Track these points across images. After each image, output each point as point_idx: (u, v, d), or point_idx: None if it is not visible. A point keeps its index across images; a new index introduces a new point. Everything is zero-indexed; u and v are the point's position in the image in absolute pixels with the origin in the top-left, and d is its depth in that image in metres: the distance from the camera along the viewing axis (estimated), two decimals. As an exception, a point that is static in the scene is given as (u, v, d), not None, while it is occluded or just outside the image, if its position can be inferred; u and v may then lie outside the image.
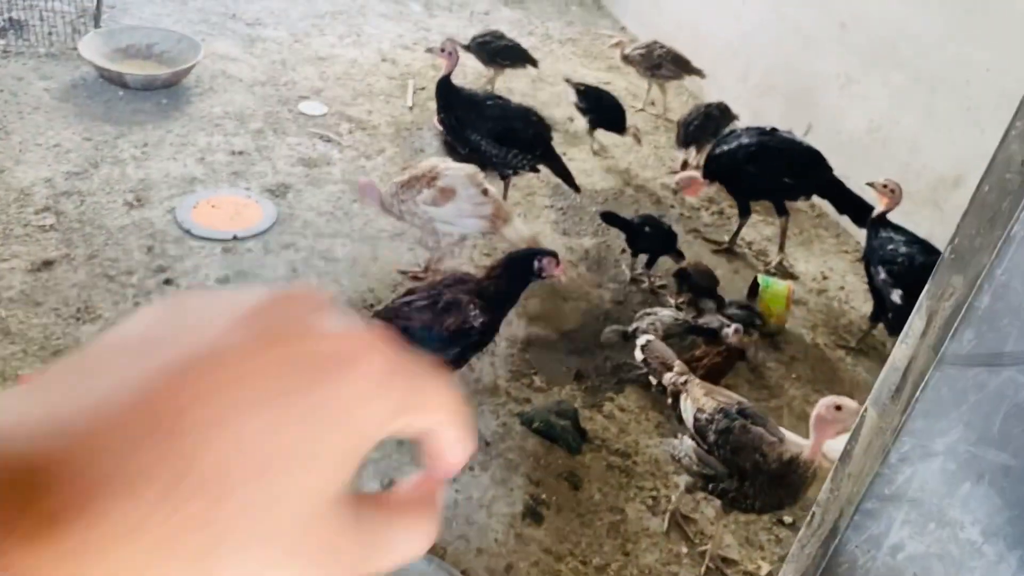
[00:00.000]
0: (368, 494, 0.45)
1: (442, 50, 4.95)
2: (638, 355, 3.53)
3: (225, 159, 5.23)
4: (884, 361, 4.51)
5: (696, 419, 3.08)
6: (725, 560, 3.42)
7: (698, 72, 6.61)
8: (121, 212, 4.57)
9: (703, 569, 3.34)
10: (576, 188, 5.35)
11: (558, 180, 5.61)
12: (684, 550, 3.44)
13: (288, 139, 5.55)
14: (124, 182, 4.81)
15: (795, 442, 2.92)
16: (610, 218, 4.76)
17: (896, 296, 4.31)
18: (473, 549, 3.27)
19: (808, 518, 1.35)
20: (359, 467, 0.42)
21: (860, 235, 5.77)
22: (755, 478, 2.85)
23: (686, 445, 3.12)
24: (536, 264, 3.53)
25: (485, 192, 4.37)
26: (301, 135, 5.61)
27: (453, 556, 3.22)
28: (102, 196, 4.65)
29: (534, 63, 6.57)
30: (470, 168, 4.39)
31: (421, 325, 3.39)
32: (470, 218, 4.36)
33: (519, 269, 3.55)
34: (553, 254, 3.55)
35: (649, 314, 4.21)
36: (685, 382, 3.26)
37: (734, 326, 4.13)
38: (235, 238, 4.55)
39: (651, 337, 3.58)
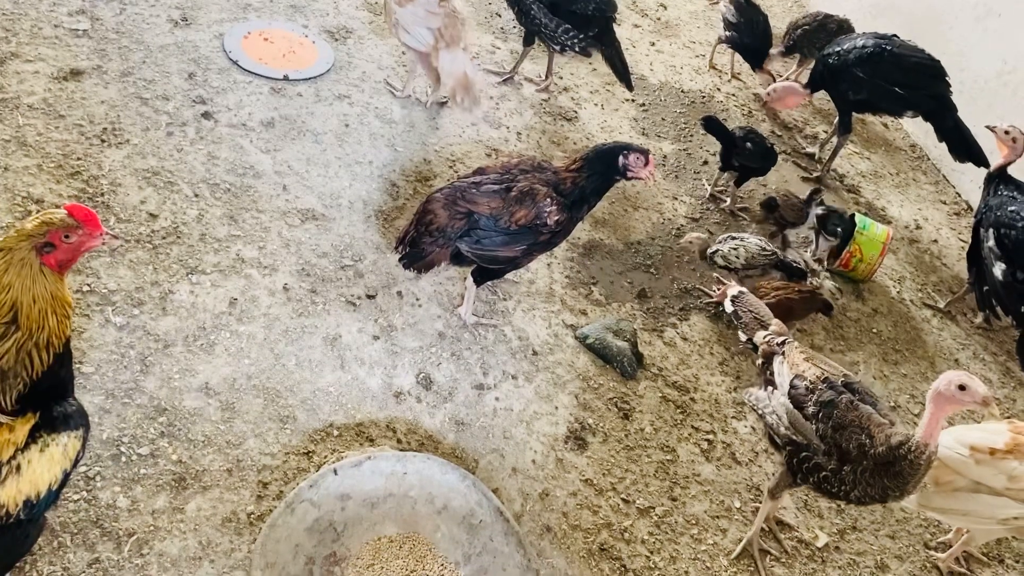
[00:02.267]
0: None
1: None
2: (727, 307, 3.08)
3: (284, -11, 4.68)
4: (972, 331, 4.05)
5: (793, 386, 2.64)
6: (780, 523, 3.08)
7: None
8: (164, 29, 4.07)
9: (754, 530, 3.01)
10: (630, 86, 4.70)
11: (643, 72, 5.05)
12: (737, 504, 3.10)
13: (355, -22, 4.98)
14: (171, -4, 4.29)
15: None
16: (712, 124, 4.21)
17: (998, 269, 3.81)
18: (508, 467, 2.94)
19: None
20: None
21: (961, 185, 5.25)
22: (858, 463, 2.44)
23: (777, 401, 2.70)
24: (621, 160, 3.04)
25: (445, 1, 3.80)
26: (370, -24, 5.02)
27: (485, 471, 2.89)
28: (145, 7, 4.14)
29: None
30: None
31: (489, 212, 2.95)
32: (420, 26, 3.85)
33: (602, 165, 3.05)
34: (643, 151, 3.04)
35: (735, 238, 3.75)
36: (783, 343, 2.82)
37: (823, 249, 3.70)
38: (286, 78, 4.06)
39: (743, 289, 3.13)
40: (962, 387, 2.37)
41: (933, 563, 3.14)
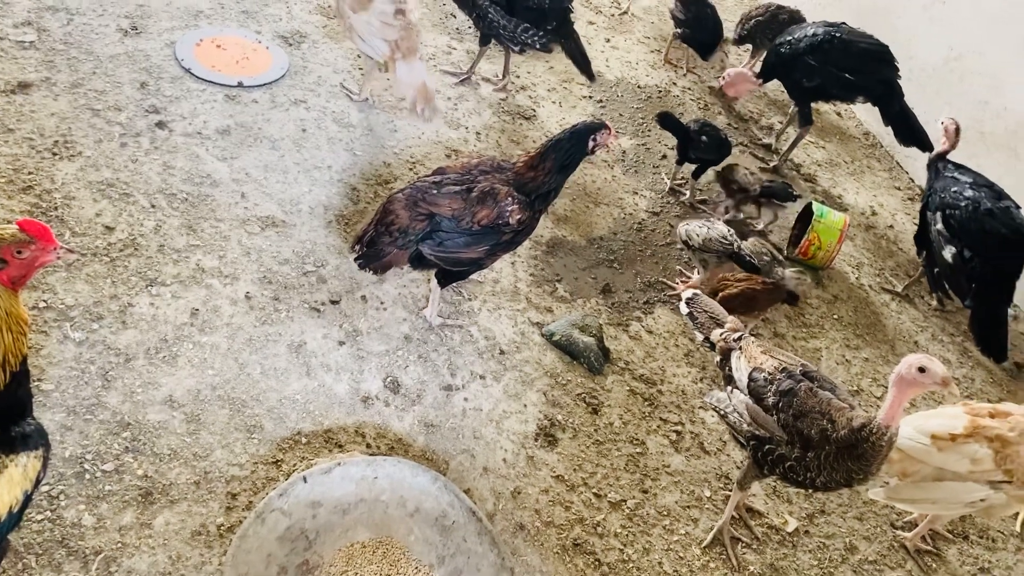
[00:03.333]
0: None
1: None
2: (683, 308, 3.10)
3: (235, -5, 4.63)
4: (930, 313, 4.11)
5: (752, 379, 2.67)
6: (750, 510, 3.12)
7: None
8: (114, 39, 4.01)
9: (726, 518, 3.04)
10: (591, 77, 4.75)
11: (599, 69, 5.07)
12: (707, 494, 3.13)
13: (307, -18, 4.94)
14: (120, 5, 4.22)
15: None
16: (667, 120, 4.25)
17: (948, 252, 3.90)
18: (479, 467, 2.94)
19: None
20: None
21: (914, 171, 5.35)
22: (821, 448, 2.47)
23: (737, 399, 2.73)
24: (592, 143, 3.04)
25: (399, 13, 3.75)
26: (322, -20, 4.99)
27: (456, 472, 2.89)
28: (93, 17, 4.07)
29: None
30: None
31: (451, 214, 2.94)
32: (376, 38, 3.82)
33: (565, 158, 3.04)
34: (604, 125, 3.05)
35: (708, 220, 3.81)
36: (739, 338, 2.85)
37: (792, 273, 3.76)
38: (240, 85, 4.02)
39: (698, 291, 3.16)
40: (922, 369, 2.42)
41: (900, 543, 3.20)
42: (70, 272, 2.97)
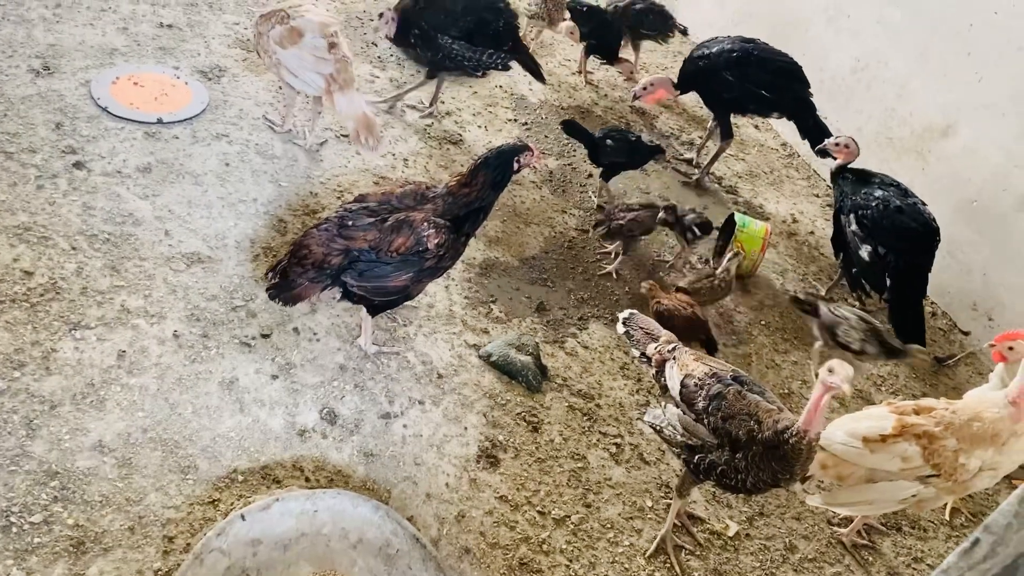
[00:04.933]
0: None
1: None
2: (619, 328, 3.16)
3: (152, 31, 4.56)
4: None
5: (684, 385, 2.73)
6: (691, 517, 3.17)
7: None
8: (25, 80, 3.92)
9: (669, 526, 3.08)
10: (542, 79, 4.99)
11: (523, 92, 5.15)
12: (648, 504, 3.17)
13: (225, 16, 4.90)
14: (30, 45, 4.13)
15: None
16: (571, 128, 4.41)
17: (864, 251, 4.05)
18: (421, 494, 2.93)
19: (968, 545, 1.01)
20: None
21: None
22: (748, 448, 2.54)
23: (670, 413, 2.79)
24: (517, 165, 3.10)
25: (332, 47, 3.78)
26: (239, 13, 4.96)
27: (399, 500, 2.87)
28: (2, 59, 3.97)
29: None
30: (327, 16, 3.84)
31: (367, 245, 2.92)
32: (310, 72, 3.83)
33: (495, 176, 3.08)
34: (528, 147, 3.12)
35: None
36: (673, 349, 2.92)
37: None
38: (160, 121, 3.96)
39: (634, 310, 3.22)
40: (831, 370, 2.47)
41: (838, 539, 3.29)
42: (-13, 320, 2.88)
